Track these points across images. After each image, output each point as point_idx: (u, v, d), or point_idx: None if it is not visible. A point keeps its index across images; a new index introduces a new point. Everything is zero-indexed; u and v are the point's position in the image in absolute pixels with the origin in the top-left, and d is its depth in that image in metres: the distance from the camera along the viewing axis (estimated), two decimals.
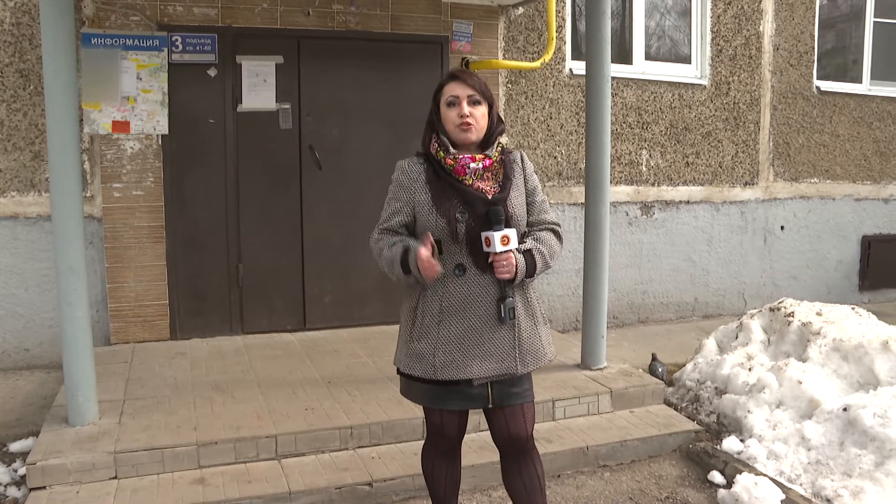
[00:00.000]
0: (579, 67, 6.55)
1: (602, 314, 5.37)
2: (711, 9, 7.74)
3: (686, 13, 7.83)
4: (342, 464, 4.14)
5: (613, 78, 6.89)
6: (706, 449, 4.55)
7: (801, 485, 4.05)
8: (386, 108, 6.47)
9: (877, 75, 8.95)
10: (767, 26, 8.06)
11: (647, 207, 7.56)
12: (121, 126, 5.80)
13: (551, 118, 7.03)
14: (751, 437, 4.52)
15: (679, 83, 7.65)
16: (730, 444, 4.50)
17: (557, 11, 6.84)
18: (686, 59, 7.83)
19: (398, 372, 3.08)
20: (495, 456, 4.20)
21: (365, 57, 6.40)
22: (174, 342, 6.03)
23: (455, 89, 2.92)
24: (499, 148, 2.99)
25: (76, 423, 4.23)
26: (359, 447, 4.33)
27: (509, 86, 6.86)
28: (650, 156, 7.53)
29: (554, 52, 6.82)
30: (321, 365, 5.45)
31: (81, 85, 5.58)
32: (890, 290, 9.12)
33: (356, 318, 6.54)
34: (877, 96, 8.85)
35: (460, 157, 2.88)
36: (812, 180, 8.54)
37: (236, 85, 6.07)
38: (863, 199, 8.90)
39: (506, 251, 2.80)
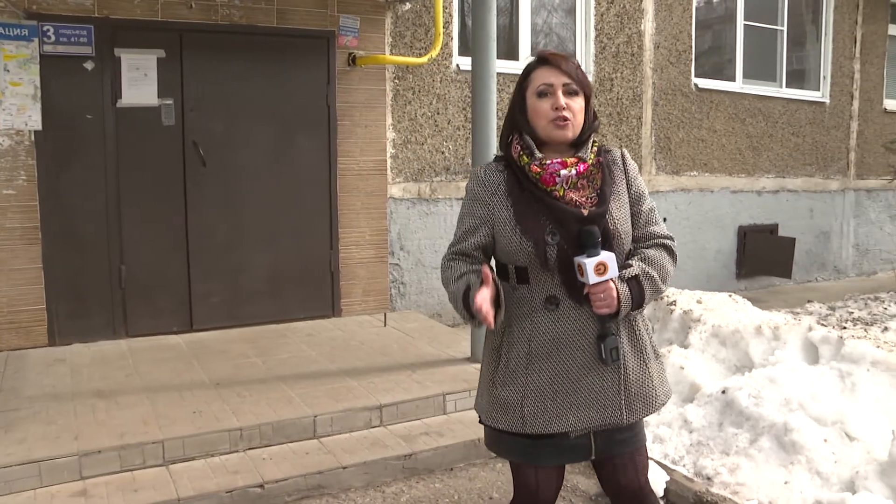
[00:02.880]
0: (466, 63, 6.60)
1: None
2: (595, 7, 7.93)
3: (572, 11, 8.00)
4: (232, 466, 4.05)
5: (500, 74, 6.93)
6: None
7: (684, 465, 4.21)
8: (272, 103, 6.36)
9: (749, 74, 9.39)
10: (648, 25, 8.33)
11: None
12: None
13: (438, 114, 7.07)
14: None
15: None
16: None
17: (444, 7, 6.89)
18: (571, 56, 7.97)
19: (480, 422, 2.57)
20: (387, 452, 4.24)
21: (250, 51, 6.27)
22: (53, 348, 5.76)
23: (547, 76, 2.38)
24: (594, 148, 2.42)
25: None
26: (249, 449, 4.25)
27: (396, 81, 6.85)
28: None
29: (441, 48, 6.85)
30: (209, 366, 5.32)
31: None
32: (763, 278, 9.58)
33: (245, 318, 6.41)
34: (749, 94, 9.29)
35: (548, 162, 2.33)
36: (692, 173, 8.88)
37: (115, 79, 5.85)
38: (738, 192, 9.32)
39: (602, 282, 2.27)
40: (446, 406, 4.82)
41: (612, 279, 2.28)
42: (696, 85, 8.81)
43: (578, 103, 2.37)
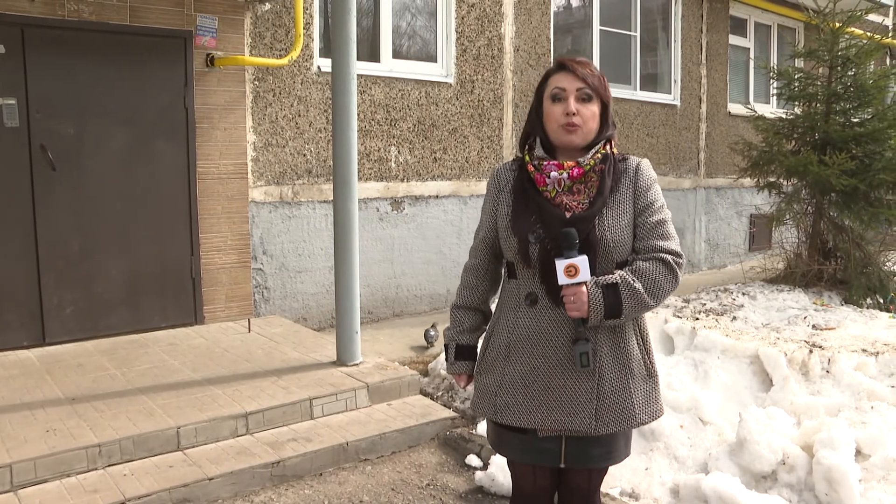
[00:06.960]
0: (327, 65, 6.54)
1: (355, 310, 5.43)
2: (456, 10, 8.03)
3: (434, 14, 8.07)
4: (91, 485, 3.89)
5: (361, 76, 6.97)
6: (462, 434, 4.74)
7: None
8: (127, 104, 6.11)
9: (606, 77, 9.70)
10: (508, 28, 8.51)
11: (397, 203, 7.73)
12: None
13: (300, 116, 6.99)
14: None
15: (426, 81, 7.87)
16: (484, 428, 4.71)
17: (305, 8, 6.82)
18: (434, 58, 8.08)
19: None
20: (254, 460, 4.18)
21: (102, 50, 6.00)
22: None
23: (562, 80, 2.42)
24: (598, 155, 2.42)
25: None
26: (109, 465, 4.09)
27: (256, 83, 6.73)
28: (399, 152, 7.70)
29: (301, 50, 6.78)
30: (64, 382, 5.06)
31: None
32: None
33: (102, 329, 6.14)
34: None
35: (545, 163, 2.41)
36: None
37: None
38: None
39: (573, 284, 2.30)
40: (313, 411, 4.78)
41: (585, 283, 2.30)
42: None
43: (591, 110, 2.42)
